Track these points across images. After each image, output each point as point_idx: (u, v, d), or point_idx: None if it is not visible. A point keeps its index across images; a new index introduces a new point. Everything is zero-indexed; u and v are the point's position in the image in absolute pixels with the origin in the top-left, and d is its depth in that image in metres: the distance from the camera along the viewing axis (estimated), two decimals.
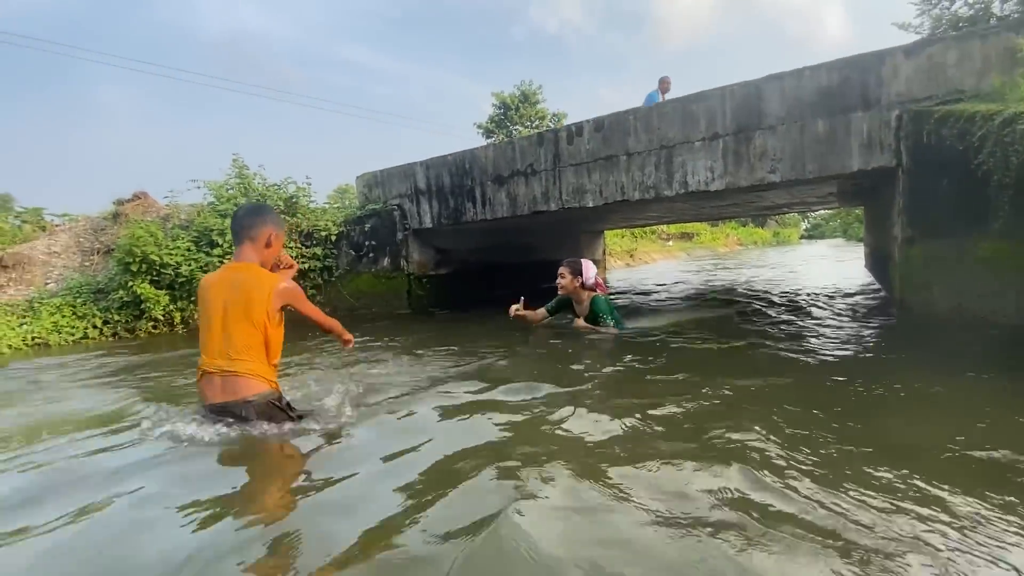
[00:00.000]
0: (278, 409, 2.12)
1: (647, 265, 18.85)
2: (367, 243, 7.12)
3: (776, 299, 6.45)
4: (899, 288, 3.89)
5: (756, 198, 6.52)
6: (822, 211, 36.17)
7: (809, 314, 5.07)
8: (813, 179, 4.23)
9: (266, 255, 2.20)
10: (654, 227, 23.21)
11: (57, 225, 7.11)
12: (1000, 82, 3.12)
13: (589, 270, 4.29)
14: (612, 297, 4.62)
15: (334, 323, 2.48)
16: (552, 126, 27.77)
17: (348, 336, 2.58)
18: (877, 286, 6.80)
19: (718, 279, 10.55)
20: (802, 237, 47.68)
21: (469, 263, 7.97)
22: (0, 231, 6.43)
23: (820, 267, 12.41)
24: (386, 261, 7.15)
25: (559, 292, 4.40)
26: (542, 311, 4.54)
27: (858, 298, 6.06)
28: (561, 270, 4.32)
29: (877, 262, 6.89)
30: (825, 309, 5.33)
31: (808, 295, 6.65)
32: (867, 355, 3.27)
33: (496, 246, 8.41)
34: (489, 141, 27.11)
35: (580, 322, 4.34)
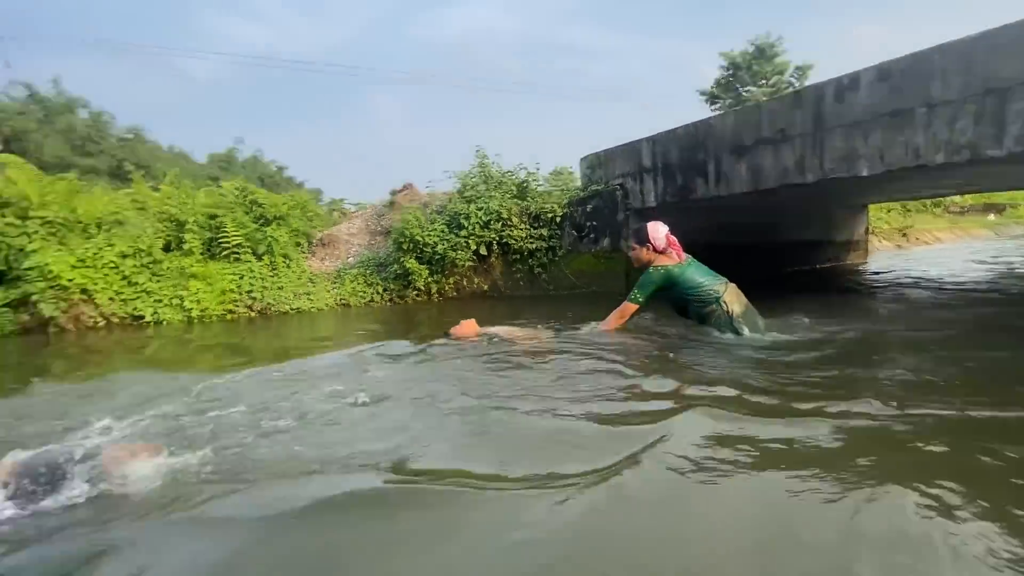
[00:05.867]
0: None
1: (926, 247, 14.84)
2: (588, 224, 7.23)
3: None
4: None
5: None
6: None
7: None
8: None
9: None
10: (940, 199, 18.08)
11: (352, 212, 9.13)
12: None
13: (658, 230, 3.45)
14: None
15: None
16: (793, 82, 23.75)
17: None
18: None
19: None
20: None
21: (694, 244, 7.42)
22: (321, 217, 8.59)
23: None
24: (606, 242, 7.16)
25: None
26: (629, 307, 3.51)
27: None
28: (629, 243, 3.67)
29: None
30: None
31: None
32: None
33: (726, 225, 7.62)
34: (714, 107, 24.70)
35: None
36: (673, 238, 3.55)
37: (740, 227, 7.83)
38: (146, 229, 6.48)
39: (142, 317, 6.13)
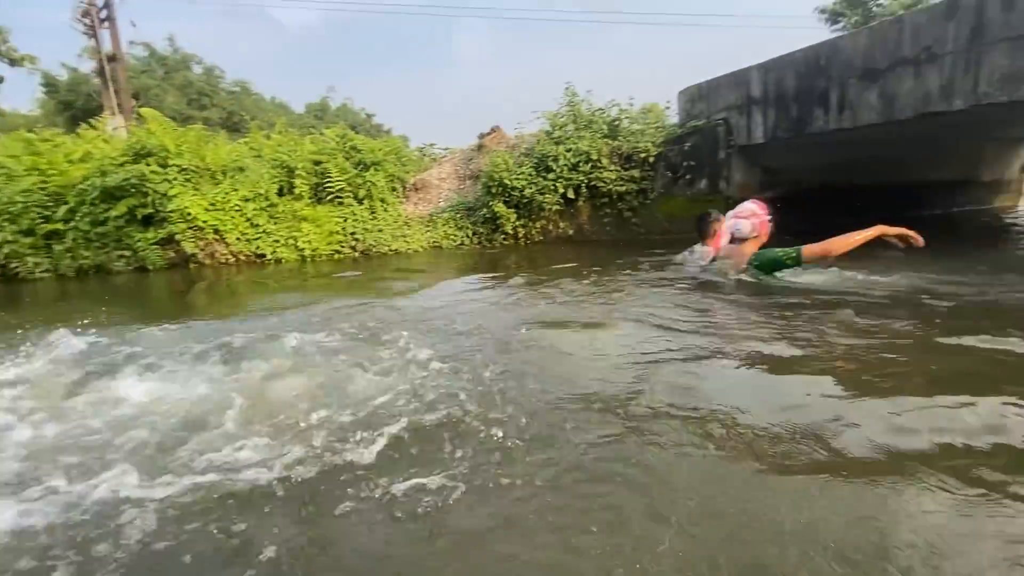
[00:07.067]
0: None
1: None
2: (684, 164, 6.83)
3: None
4: None
5: None
6: None
7: None
8: None
9: None
10: None
11: (442, 156, 9.28)
12: None
13: None
14: None
15: None
16: None
17: None
18: None
19: None
20: None
21: (804, 185, 6.77)
22: (413, 162, 8.85)
23: None
24: (703, 183, 6.75)
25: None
26: None
27: None
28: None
29: None
30: None
31: None
32: None
33: (844, 164, 6.85)
34: (835, 27, 21.55)
35: None
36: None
37: (861, 165, 6.99)
38: (263, 175, 7.08)
39: (264, 255, 6.84)
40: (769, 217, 3.38)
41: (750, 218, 3.32)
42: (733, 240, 3.52)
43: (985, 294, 3.08)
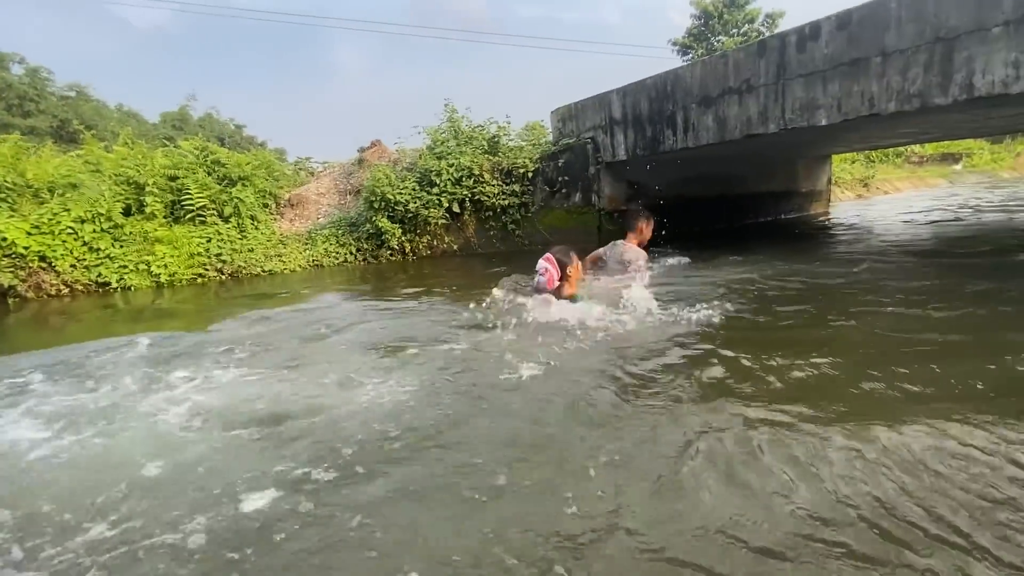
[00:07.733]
0: None
1: (886, 196, 15.40)
2: (560, 179, 7.27)
3: None
4: None
5: None
6: None
7: None
8: None
9: None
10: (900, 148, 18.60)
11: (320, 171, 8.89)
12: None
13: None
14: None
15: None
16: (763, 31, 23.61)
17: None
18: None
19: None
20: None
21: (664, 197, 7.56)
22: (287, 177, 8.35)
23: None
24: (578, 196, 7.22)
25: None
26: None
27: None
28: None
29: None
30: None
31: None
32: None
33: (694, 178, 7.77)
34: (686, 58, 24.42)
35: None
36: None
37: (707, 179, 7.98)
38: (103, 192, 6.22)
39: (108, 284, 5.99)
40: (557, 270, 3.71)
41: (544, 274, 3.71)
42: (542, 290, 3.80)
43: (808, 281, 3.71)
